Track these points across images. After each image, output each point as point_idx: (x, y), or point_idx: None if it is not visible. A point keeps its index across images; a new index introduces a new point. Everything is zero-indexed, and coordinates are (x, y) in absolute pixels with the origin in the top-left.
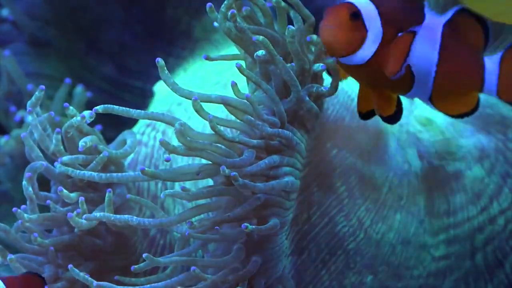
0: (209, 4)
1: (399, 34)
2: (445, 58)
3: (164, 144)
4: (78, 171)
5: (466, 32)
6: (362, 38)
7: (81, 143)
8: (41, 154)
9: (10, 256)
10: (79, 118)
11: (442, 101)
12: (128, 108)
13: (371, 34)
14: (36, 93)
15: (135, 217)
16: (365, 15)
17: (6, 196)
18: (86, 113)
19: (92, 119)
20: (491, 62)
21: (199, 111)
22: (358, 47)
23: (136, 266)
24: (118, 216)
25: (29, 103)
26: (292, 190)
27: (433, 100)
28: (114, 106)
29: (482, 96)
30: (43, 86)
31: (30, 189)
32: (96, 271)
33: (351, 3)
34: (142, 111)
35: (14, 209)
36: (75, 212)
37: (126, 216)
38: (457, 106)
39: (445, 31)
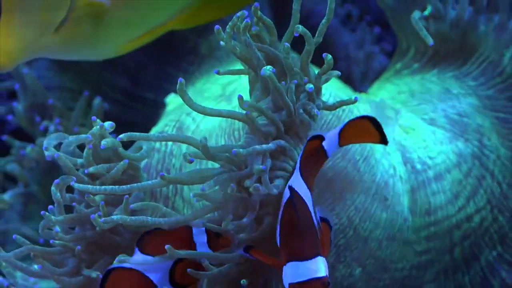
0: (216, 26)
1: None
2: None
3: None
4: (98, 187)
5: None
6: None
7: (102, 142)
8: (87, 161)
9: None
10: (98, 127)
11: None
12: (147, 134)
13: None
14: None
15: (149, 218)
16: None
17: (33, 198)
18: (106, 124)
19: (112, 130)
20: (331, 137)
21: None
22: None
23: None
24: (134, 217)
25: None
26: (279, 190)
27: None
28: (136, 133)
29: (463, 107)
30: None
31: (58, 194)
32: None
33: None
34: (160, 134)
35: (42, 212)
36: (96, 214)
37: (141, 217)
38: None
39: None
